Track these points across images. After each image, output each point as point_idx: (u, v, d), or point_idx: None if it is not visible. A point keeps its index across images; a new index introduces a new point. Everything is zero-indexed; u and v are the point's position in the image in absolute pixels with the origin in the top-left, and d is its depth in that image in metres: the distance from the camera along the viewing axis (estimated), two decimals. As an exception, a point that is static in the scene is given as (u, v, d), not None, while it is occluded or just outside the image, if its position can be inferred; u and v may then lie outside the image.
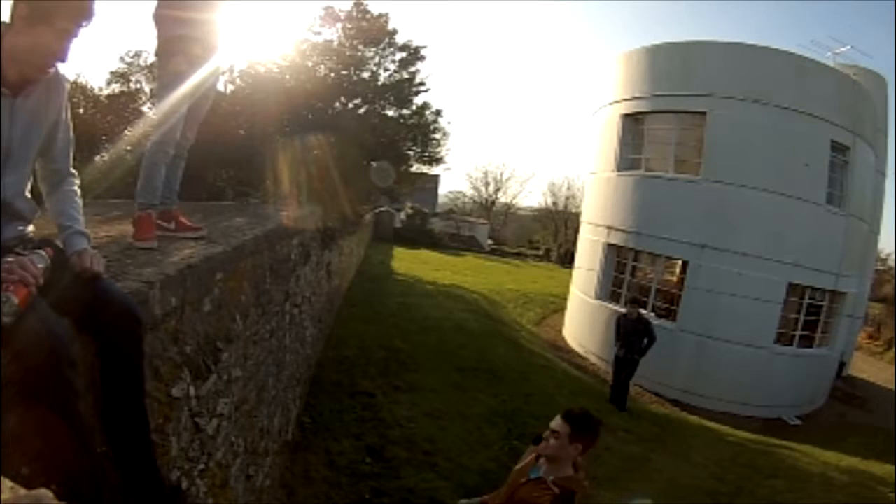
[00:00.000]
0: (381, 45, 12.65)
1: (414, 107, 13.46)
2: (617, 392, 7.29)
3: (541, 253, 34.81)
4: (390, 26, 12.56)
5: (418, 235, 26.59)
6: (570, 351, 10.87)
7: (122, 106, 8.64)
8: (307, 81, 10.86)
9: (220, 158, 8.13)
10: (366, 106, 12.48)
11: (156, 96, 2.41)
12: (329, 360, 6.13)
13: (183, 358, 1.75)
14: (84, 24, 1.26)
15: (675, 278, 10.56)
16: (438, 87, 66.18)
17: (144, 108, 8.50)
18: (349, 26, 12.18)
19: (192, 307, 1.84)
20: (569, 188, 37.76)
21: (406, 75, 13.17)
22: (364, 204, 12.77)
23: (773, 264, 8.95)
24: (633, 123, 10.63)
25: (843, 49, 12.39)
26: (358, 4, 12.23)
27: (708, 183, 9.26)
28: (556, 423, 2.11)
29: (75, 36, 1.26)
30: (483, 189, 42.70)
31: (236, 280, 2.40)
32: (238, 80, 10.12)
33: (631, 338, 7.10)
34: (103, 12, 1.35)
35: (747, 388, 8.99)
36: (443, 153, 14.35)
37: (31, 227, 1.35)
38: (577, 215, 16.11)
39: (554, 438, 2.08)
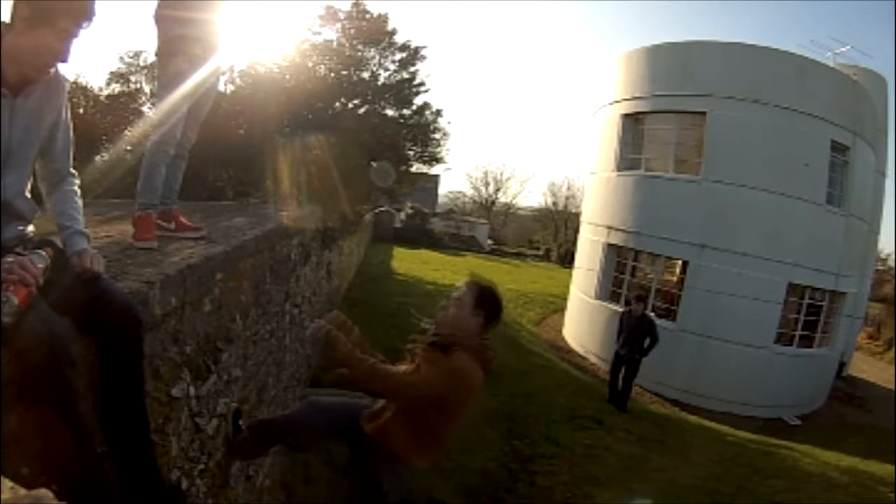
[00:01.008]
0: (381, 45, 12.65)
1: (414, 107, 13.45)
2: (615, 391, 7.23)
3: (541, 253, 34.81)
4: (390, 26, 12.57)
5: (418, 235, 26.59)
6: (570, 351, 10.87)
7: (122, 106, 8.64)
8: (307, 81, 10.85)
9: (220, 158, 8.13)
10: (366, 106, 12.47)
11: (156, 96, 2.41)
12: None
13: (183, 358, 1.75)
14: (85, 24, 1.26)
15: (675, 278, 10.56)
16: (438, 87, 66.10)
17: (144, 108, 8.50)
18: (349, 26, 12.17)
19: (192, 307, 1.84)
20: (569, 188, 37.79)
21: (406, 75, 13.16)
22: (364, 204, 12.76)
23: (773, 264, 8.95)
24: (633, 123, 10.63)
25: (843, 49, 12.39)
26: (357, 4, 12.23)
27: (708, 183, 9.26)
28: (460, 291, 1.93)
29: (76, 36, 1.26)
30: (483, 189, 42.71)
31: (236, 280, 2.40)
32: (238, 80, 10.12)
33: (634, 336, 7.01)
34: (103, 12, 1.35)
35: (747, 388, 8.99)
36: (443, 153, 14.34)
37: (31, 227, 1.35)
38: (577, 215, 16.11)
39: (455, 307, 1.92)
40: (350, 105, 12.14)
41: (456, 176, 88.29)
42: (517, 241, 39.38)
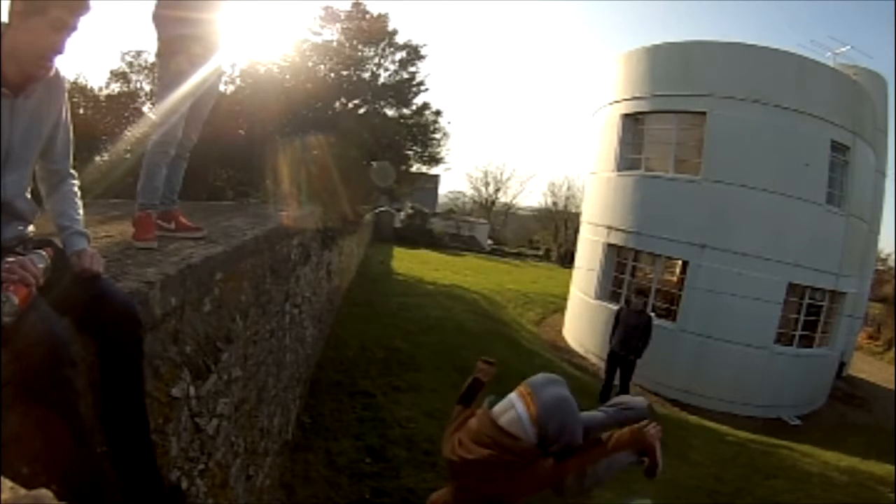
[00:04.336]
0: (381, 45, 12.65)
1: (414, 107, 13.45)
2: (609, 390, 7.15)
3: (541, 253, 34.80)
4: (390, 26, 12.58)
5: (418, 235, 26.57)
6: (570, 351, 10.87)
7: (122, 106, 8.64)
8: (307, 81, 10.85)
9: (220, 158, 8.14)
10: (366, 106, 12.47)
11: (157, 96, 2.41)
12: (329, 360, 6.13)
13: (183, 358, 1.75)
14: (80, 13, 1.25)
15: (675, 278, 10.56)
16: (438, 87, 66.26)
17: (144, 109, 8.49)
18: (349, 26, 12.17)
19: (192, 307, 1.84)
20: (569, 188, 37.73)
21: (406, 75, 13.17)
22: (364, 204, 12.76)
23: (773, 264, 8.95)
24: (633, 123, 10.63)
25: (843, 49, 12.39)
26: (357, 4, 12.23)
27: (708, 183, 9.26)
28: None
29: (73, 28, 1.25)
30: (483, 189, 42.70)
31: (236, 280, 2.40)
32: (238, 80, 10.11)
33: (631, 331, 6.81)
34: (103, 12, 1.35)
35: (747, 388, 8.99)
36: (443, 153, 14.34)
37: (31, 228, 1.35)
38: (577, 215, 16.11)
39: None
40: (350, 105, 12.13)
41: (456, 176, 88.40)
42: (517, 241, 39.35)
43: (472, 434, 1.53)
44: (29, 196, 1.34)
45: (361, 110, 12.29)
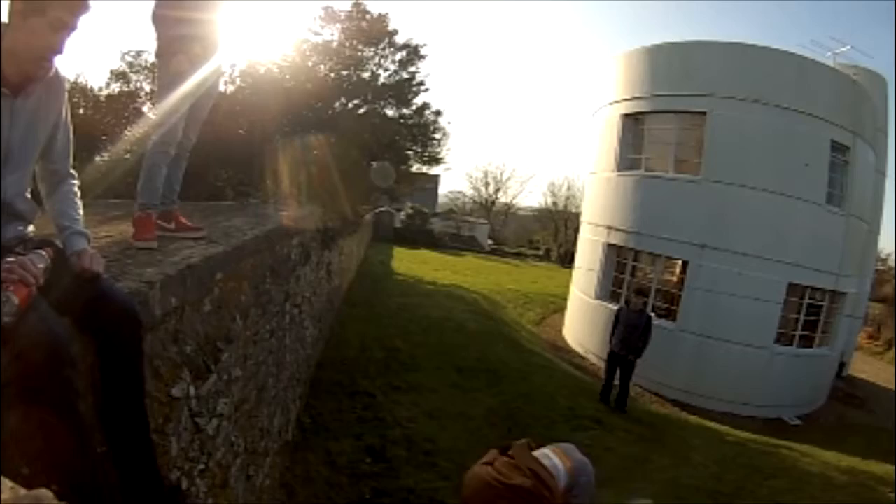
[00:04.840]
0: (381, 45, 12.66)
1: (414, 107, 13.48)
2: (609, 389, 7.15)
3: (541, 253, 34.82)
4: (390, 26, 12.59)
5: (418, 235, 26.60)
6: (570, 351, 10.87)
7: (122, 106, 8.63)
8: (307, 81, 10.86)
9: (220, 158, 8.12)
10: (366, 106, 12.48)
11: (157, 96, 2.40)
12: (329, 360, 6.14)
13: (183, 358, 1.75)
14: (80, 13, 1.25)
15: (675, 278, 10.55)
16: (438, 87, 66.19)
17: (144, 109, 8.49)
18: (349, 26, 12.18)
19: (192, 307, 1.84)
20: (569, 188, 37.75)
21: (406, 75, 13.19)
22: (364, 204, 12.76)
23: (773, 264, 8.94)
24: (633, 123, 10.63)
25: (843, 49, 12.38)
26: (357, 4, 12.24)
27: (708, 183, 9.26)
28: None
29: (72, 28, 1.25)
30: (483, 189, 42.72)
31: (236, 280, 2.40)
32: (238, 80, 10.10)
33: (631, 330, 6.86)
34: (103, 12, 1.35)
35: (747, 388, 8.99)
36: (443, 153, 14.39)
37: (31, 228, 1.35)
38: (577, 215, 16.11)
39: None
40: (350, 105, 12.14)
41: (456, 176, 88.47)
42: (517, 241, 39.36)
43: (510, 465, 1.59)
44: (29, 196, 1.34)
45: (361, 110, 12.29)
